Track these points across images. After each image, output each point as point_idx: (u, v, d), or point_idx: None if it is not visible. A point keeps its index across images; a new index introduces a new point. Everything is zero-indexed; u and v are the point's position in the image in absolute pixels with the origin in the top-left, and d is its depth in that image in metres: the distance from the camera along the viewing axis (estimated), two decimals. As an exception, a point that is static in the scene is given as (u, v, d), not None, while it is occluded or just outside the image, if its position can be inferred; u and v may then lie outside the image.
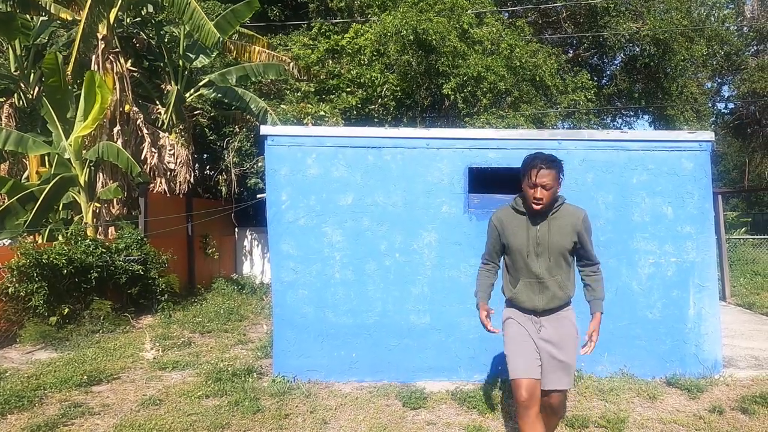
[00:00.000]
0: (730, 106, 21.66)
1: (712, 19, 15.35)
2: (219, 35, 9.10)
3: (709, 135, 4.94)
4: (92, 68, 8.96)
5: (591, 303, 2.94)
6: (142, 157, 9.75)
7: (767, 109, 19.23)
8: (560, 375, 2.82)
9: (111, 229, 9.18)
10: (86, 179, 8.93)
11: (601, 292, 2.96)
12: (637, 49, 14.58)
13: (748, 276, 11.26)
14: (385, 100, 11.52)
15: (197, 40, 9.47)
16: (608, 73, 16.84)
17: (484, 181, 5.02)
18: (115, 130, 9.57)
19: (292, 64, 11.55)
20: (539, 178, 2.67)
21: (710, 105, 19.22)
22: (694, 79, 15.78)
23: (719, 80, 20.32)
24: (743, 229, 17.48)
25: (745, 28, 19.15)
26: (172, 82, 10.84)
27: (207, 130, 12.11)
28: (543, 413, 2.83)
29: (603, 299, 2.95)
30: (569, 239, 2.79)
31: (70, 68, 8.82)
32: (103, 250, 7.60)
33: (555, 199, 2.80)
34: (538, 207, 2.70)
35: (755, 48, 19.81)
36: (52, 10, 9.34)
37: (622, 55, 15.60)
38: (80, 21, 8.80)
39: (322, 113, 10.57)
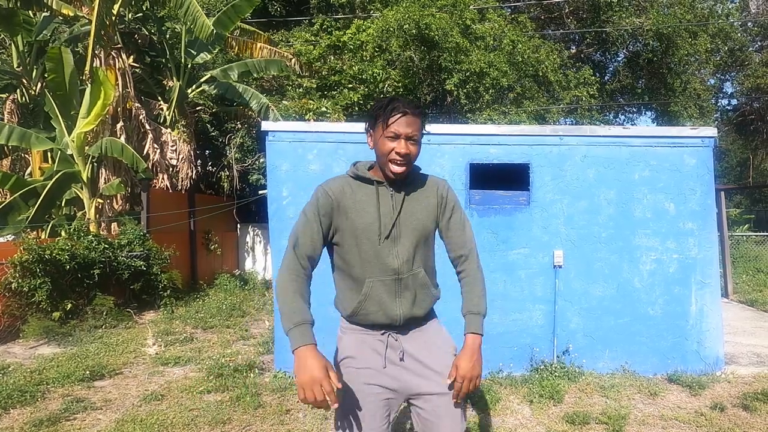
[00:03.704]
0: (734, 102, 21.60)
1: (716, 14, 15.27)
2: (212, 28, 9.12)
3: (711, 131, 4.91)
4: (95, 64, 8.98)
5: (465, 319, 1.90)
6: (145, 153, 9.77)
7: (771, 106, 19.16)
8: (447, 422, 1.84)
9: (113, 225, 9.21)
10: (89, 175, 8.95)
11: (481, 302, 1.90)
12: (640, 45, 14.54)
13: (751, 273, 11.23)
14: (387, 96, 11.50)
15: (192, 32, 9.50)
16: (611, 68, 16.81)
17: (485, 176, 5.01)
18: (118, 126, 9.60)
19: (293, 60, 11.54)
20: (404, 126, 1.77)
21: (714, 101, 19.14)
22: (697, 75, 15.72)
23: (723, 76, 20.23)
24: (746, 225, 17.42)
25: (750, 24, 19.05)
26: (174, 78, 10.85)
27: (209, 126, 12.13)
28: None
29: (483, 314, 1.89)
30: (432, 216, 1.92)
31: (87, 66, 8.84)
32: (106, 245, 7.63)
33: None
34: (401, 170, 1.80)
35: (759, 44, 19.71)
36: (54, 6, 9.34)
37: (625, 50, 15.56)
38: (91, 18, 8.85)
39: (323, 109, 10.57)
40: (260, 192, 10.31)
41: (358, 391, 1.84)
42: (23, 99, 10.42)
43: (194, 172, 10.72)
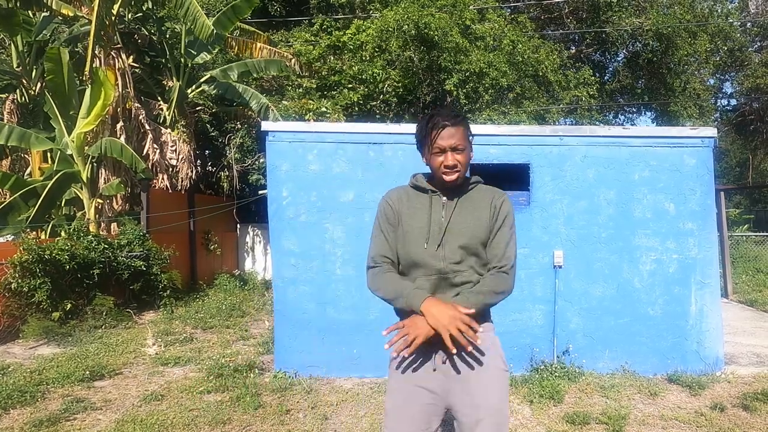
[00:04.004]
0: (733, 102, 21.62)
1: (716, 14, 15.28)
2: (213, 28, 9.11)
3: (711, 131, 4.91)
4: (95, 64, 8.98)
5: (461, 294, 1.90)
6: (144, 153, 9.77)
7: (771, 106, 19.18)
8: None
9: (113, 225, 9.21)
10: (88, 175, 8.95)
11: (479, 298, 1.87)
12: (640, 45, 14.55)
13: (750, 273, 11.24)
14: (387, 96, 11.51)
15: (192, 32, 9.48)
16: (611, 69, 16.80)
17: (485, 177, 5.00)
18: (118, 126, 9.60)
19: (293, 60, 11.54)
20: (446, 139, 1.89)
21: (713, 101, 19.16)
22: (697, 75, 15.74)
23: (722, 76, 20.26)
24: (746, 226, 17.42)
25: (749, 24, 19.07)
26: (174, 78, 10.84)
27: (209, 126, 12.12)
28: None
29: (481, 301, 1.87)
30: (484, 226, 1.95)
31: (87, 66, 8.83)
32: (106, 246, 7.62)
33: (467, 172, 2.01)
34: (454, 177, 1.93)
35: (759, 44, 19.74)
36: (54, 6, 9.34)
37: (624, 50, 15.56)
38: (91, 18, 8.85)
39: (323, 109, 10.57)
40: (260, 192, 10.30)
41: (407, 392, 1.90)
42: (23, 99, 10.41)
43: (194, 172, 10.71)
